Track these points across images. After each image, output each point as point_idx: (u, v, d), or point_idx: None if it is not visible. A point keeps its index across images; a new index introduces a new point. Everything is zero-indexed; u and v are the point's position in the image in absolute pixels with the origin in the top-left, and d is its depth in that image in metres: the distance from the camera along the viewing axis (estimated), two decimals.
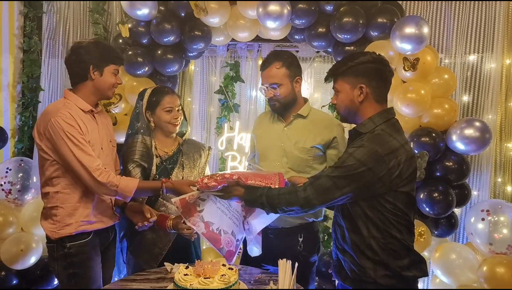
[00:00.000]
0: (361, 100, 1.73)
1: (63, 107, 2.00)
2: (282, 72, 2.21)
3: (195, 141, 2.53)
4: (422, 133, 2.79)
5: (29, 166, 3.09)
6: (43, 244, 3.01)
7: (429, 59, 2.77)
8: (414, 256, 1.73)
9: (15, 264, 2.93)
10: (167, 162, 2.33)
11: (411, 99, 2.74)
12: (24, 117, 3.51)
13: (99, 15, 3.39)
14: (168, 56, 3.03)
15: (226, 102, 3.50)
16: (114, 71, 2.09)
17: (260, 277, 2.00)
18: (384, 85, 1.76)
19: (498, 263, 2.60)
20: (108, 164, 2.14)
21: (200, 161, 2.40)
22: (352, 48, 2.87)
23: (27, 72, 3.51)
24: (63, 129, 1.93)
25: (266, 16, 2.79)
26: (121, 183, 1.99)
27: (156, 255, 2.24)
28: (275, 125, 2.33)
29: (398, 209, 1.67)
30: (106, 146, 2.16)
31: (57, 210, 2.01)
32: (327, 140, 2.23)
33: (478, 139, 2.73)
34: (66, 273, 2.02)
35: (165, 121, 2.30)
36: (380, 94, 1.75)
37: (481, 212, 2.74)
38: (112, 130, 2.30)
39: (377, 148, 1.63)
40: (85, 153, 1.96)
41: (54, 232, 2.01)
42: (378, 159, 1.62)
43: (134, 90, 3.04)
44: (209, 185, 1.85)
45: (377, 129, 1.70)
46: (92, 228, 2.06)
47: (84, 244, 2.03)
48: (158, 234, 2.27)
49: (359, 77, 1.73)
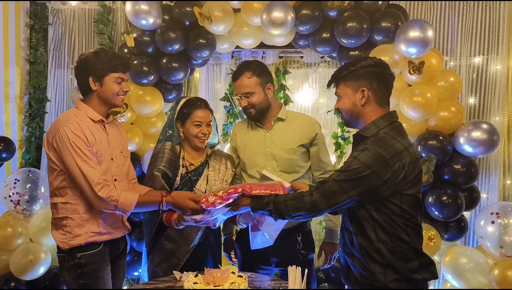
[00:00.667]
0: (363, 104, 1.75)
1: (73, 117, 2.01)
2: (253, 81, 2.26)
3: (223, 152, 2.49)
4: (429, 136, 2.78)
5: (37, 176, 3.11)
6: (52, 255, 3.01)
7: (434, 62, 2.77)
8: (423, 259, 1.72)
9: (25, 275, 2.94)
10: (192, 174, 2.30)
11: (417, 102, 2.74)
12: (31, 128, 3.54)
13: (104, 26, 3.42)
14: (173, 65, 3.05)
15: (231, 109, 3.50)
16: (116, 79, 2.04)
17: (269, 285, 1.99)
18: (386, 88, 1.77)
19: (509, 266, 2.57)
20: (119, 175, 2.14)
21: (227, 173, 2.36)
22: (357, 52, 2.87)
23: (34, 83, 3.54)
24: (69, 139, 1.93)
25: (270, 23, 2.80)
26: (121, 198, 1.98)
27: (174, 265, 2.23)
28: (256, 132, 2.37)
29: (405, 212, 1.67)
30: (117, 156, 2.15)
31: (67, 220, 2.01)
32: (310, 138, 2.32)
33: (486, 141, 2.71)
34: (77, 283, 2.01)
35: (192, 135, 2.26)
36: (382, 97, 1.76)
37: (490, 215, 2.72)
38: (126, 140, 2.29)
39: (381, 151, 1.64)
40: (89, 165, 1.95)
41: (65, 242, 2.01)
42: (382, 162, 1.62)
43: (139, 99, 3.05)
44: (215, 203, 1.89)
45: (381, 132, 1.72)
46: (102, 239, 2.06)
47: (95, 254, 2.03)
48: (177, 245, 2.26)
49: (360, 80, 1.74)
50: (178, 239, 2.25)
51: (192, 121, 2.25)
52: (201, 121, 2.26)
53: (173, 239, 2.25)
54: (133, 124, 3.18)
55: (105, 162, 2.05)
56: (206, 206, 1.91)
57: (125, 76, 2.10)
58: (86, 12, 3.58)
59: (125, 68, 2.09)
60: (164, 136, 2.36)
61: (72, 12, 3.59)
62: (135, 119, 3.18)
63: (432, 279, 1.73)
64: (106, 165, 2.06)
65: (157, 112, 3.16)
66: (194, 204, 2.00)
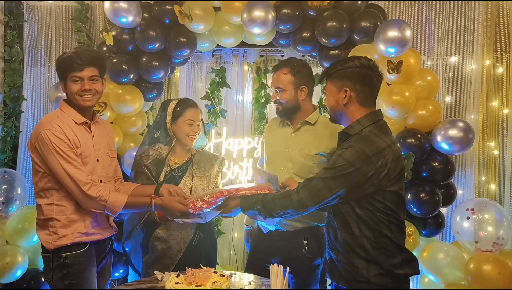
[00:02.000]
0: (345, 103, 1.81)
1: (55, 119, 1.99)
2: (287, 79, 2.27)
3: (209, 153, 2.57)
4: (408, 134, 2.84)
5: (13, 177, 3.04)
6: (29, 257, 2.95)
7: (412, 62, 2.82)
8: (405, 254, 1.77)
9: (1, 278, 2.87)
10: (175, 171, 2.34)
11: (396, 101, 2.78)
12: (7, 127, 3.45)
13: (82, 23, 3.36)
14: (153, 63, 3.02)
15: (212, 107, 3.49)
16: (73, 78, 1.99)
17: (252, 283, 2.00)
18: (369, 90, 1.82)
19: (484, 261, 2.65)
20: (105, 176, 2.12)
21: (212, 171, 2.41)
22: (337, 52, 2.90)
23: (9, 82, 3.46)
24: (52, 143, 1.92)
25: (251, 21, 2.80)
26: (110, 198, 1.98)
27: (167, 265, 2.23)
28: (284, 131, 2.38)
29: (388, 209, 1.72)
30: (103, 157, 2.13)
31: (52, 221, 1.99)
32: (331, 149, 2.23)
33: (462, 139, 2.78)
34: (62, 284, 2.00)
35: (184, 133, 2.31)
36: (365, 98, 1.81)
37: (466, 211, 2.79)
38: (113, 140, 2.28)
39: (364, 149, 1.69)
40: (74, 167, 1.94)
41: (50, 243, 1.99)
42: (365, 159, 1.68)
43: (119, 98, 3.01)
44: (202, 208, 1.93)
45: (365, 130, 1.77)
46: (89, 239, 2.04)
47: (80, 254, 2.01)
48: (168, 245, 2.27)
49: (345, 80, 1.81)
50: (168, 239, 2.26)
51: (185, 120, 2.31)
52: (193, 120, 2.32)
53: (163, 239, 2.27)
54: (112, 123, 3.13)
55: (90, 164, 2.04)
56: (193, 211, 1.95)
57: (84, 74, 1.99)
58: (63, 9, 3.51)
59: (81, 65, 1.99)
60: (152, 138, 2.40)
61: (48, 9, 3.51)
62: (115, 118, 3.13)
63: (414, 274, 1.79)
64: (92, 167, 2.04)
65: (137, 111, 3.12)
66: (183, 206, 2.01)
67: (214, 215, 2.10)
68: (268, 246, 2.31)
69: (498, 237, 2.70)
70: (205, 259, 2.32)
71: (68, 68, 2.00)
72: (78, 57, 1.99)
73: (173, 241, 2.27)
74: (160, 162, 2.33)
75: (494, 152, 3.22)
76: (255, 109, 3.51)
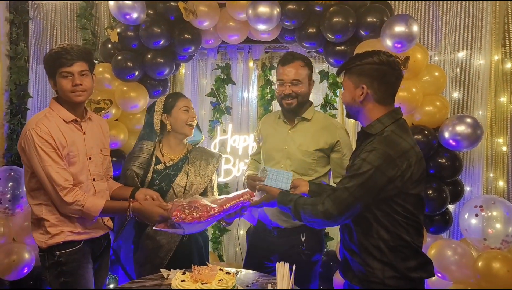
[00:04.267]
0: (362, 100, 1.74)
1: (43, 118, 1.97)
2: (305, 72, 2.26)
3: (205, 149, 2.52)
4: (415, 131, 2.80)
5: (19, 175, 3.04)
6: (35, 254, 2.96)
7: (419, 57, 2.78)
8: (421, 258, 1.74)
9: (8, 275, 2.88)
10: (170, 169, 2.32)
11: (402, 97, 2.75)
12: (13, 125, 3.46)
13: (87, 20, 3.36)
14: (158, 60, 3.00)
15: (218, 104, 3.48)
16: (63, 73, 1.97)
17: (258, 280, 1.99)
18: (386, 88, 1.75)
19: (493, 258, 2.62)
20: (97, 175, 2.12)
21: (207, 170, 2.38)
22: (343, 48, 2.87)
23: (15, 79, 3.47)
24: (35, 143, 1.91)
25: (256, 17, 2.78)
26: (87, 203, 1.97)
27: (158, 265, 2.22)
28: (281, 128, 2.36)
29: (408, 211, 1.67)
30: (95, 155, 2.12)
31: (43, 221, 1.99)
32: (330, 144, 2.25)
33: (470, 135, 2.75)
34: (58, 282, 2.00)
35: (183, 121, 2.30)
36: (382, 96, 1.74)
37: (474, 208, 2.76)
38: (106, 138, 2.26)
39: (389, 151, 1.63)
40: (53, 170, 1.92)
41: (43, 242, 1.99)
42: (391, 162, 1.62)
43: (124, 95, 3.01)
44: (185, 220, 1.91)
45: (386, 130, 1.70)
46: (81, 238, 2.04)
47: (74, 252, 2.01)
48: (158, 244, 2.25)
49: (362, 77, 1.73)
50: (159, 237, 2.24)
51: (179, 108, 2.31)
52: (188, 106, 2.32)
53: (153, 238, 2.25)
54: (118, 121, 3.13)
55: (80, 163, 2.03)
56: (176, 220, 1.92)
57: (74, 69, 1.97)
58: (68, 7, 3.51)
59: (70, 60, 1.96)
60: (144, 135, 2.41)
61: (53, 7, 3.51)
62: (120, 115, 3.13)
63: (428, 277, 1.75)
64: (81, 166, 2.03)
65: (142, 108, 3.11)
66: (163, 211, 2.00)
67: (196, 229, 2.09)
68: (267, 243, 2.31)
69: (507, 234, 2.67)
70: (197, 257, 2.30)
71: (56, 64, 1.97)
72: (66, 52, 1.97)
73: (164, 240, 2.25)
74: (148, 161, 2.31)
75: (502, 149, 3.19)
76: (260, 106, 3.50)
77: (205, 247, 2.41)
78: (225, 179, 3.24)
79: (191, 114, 2.32)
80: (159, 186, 2.28)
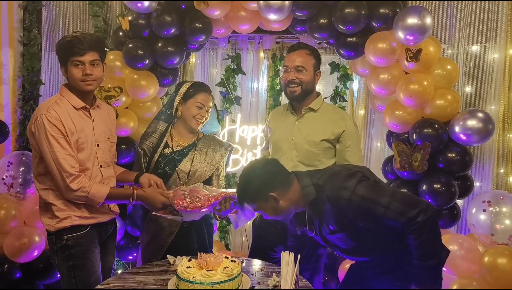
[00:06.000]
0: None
1: (53, 104, 2.00)
2: (310, 60, 2.29)
3: (215, 138, 2.54)
4: (425, 124, 2.78)
5: (30, 159, 3.07)
6: (45, 238, 3.01)
7: (432, 50, 2.75)
8: None
9: (18, 257, 2.94)
10: (176, 154, 2.35)
11: (413, 90, 2.72)
12: (25, 111, 3.50)
13: (98, 8, 3.37)
14: (168, 49, 3.01)
15: (227, 94, 3.48)
16: (74, 62, 1.99)
17: (263, 269, 2.00)
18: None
19: (500, 254, 2.60)
20: (104, 162, 2.15)
21: (214, 158, 2.40)
22: (354, 39, 2.85)
23: (27, 66, 3.50)
24: (45, 128, 1.94)
25: (267, 7, 2.76)
26: (92, 189, 2.00)
27: (159, 247, 2.27)
28: (288, 119, 2.37)
29: None
30: (103, 143, 2.15)
31: (51, 206, 2.03)
32: (336, 134, 2.26)
33: (481, 130, 2.71)
34: (66, 265, 2.04)
35: (191, 114, 2.33)
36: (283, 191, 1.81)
37: (482, 203, 2.74)
38: (114, 125, 2.29)
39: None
40: (61, 156, 1.95)
41: (51, 225, 2.03)
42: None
43: (134, 83, 3.02)
44: (187, 208, 1.96)
45: (318, 185, 1.81)
46: (87, 223, 2.08)
47: (81, 236, 2.05)
48: (160, 226, 2.30)
49: None
50: (161, 220, 2.28)
51: (195, 102, 2.32)
52: (203, 104, 2.33)
53: (156, 220, 2.29)
54: (128, 109, 3.15)
55: (88, 149, 2.05)
56: (178, 208, 1.97)
57: (85, 58, 1.99)
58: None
59: (82, 50, 1.98)
60: (162, 114, 2.43)
61: None
62: (130, 103, 3.15)
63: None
64: (89, 152, 2.06)
65: (152, 97, 3.13)
66: (165, 199, 2.04)
67: (193, 218, 2.12)
68: (271, 234, 2.31)
69: None
70: (197, 243, 2.33)
71: (68, 52, 2.00)
72: (79, 41, 1.99)
73: (165, 223, 2.29)
74: (158, 141, 2.36)
75: None
76: (270, 97, 3.49)
77: (208, 234, 2.44)
78: (233, 169, 3.25)
79: (201, 112, 2.33)
80: (163, 170, 2.32)
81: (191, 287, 1.66)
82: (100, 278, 2.08)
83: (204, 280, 1.65)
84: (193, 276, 1.67)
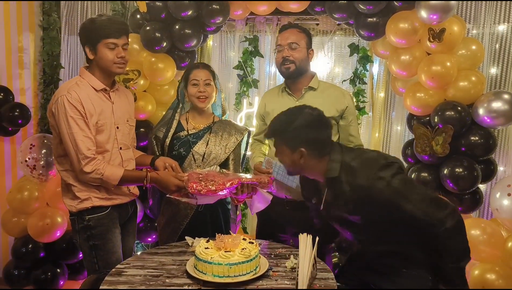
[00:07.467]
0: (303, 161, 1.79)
1: (73, 86, 2.01)
2: (302, 37, 2.33)
3: (231, 122, 2.54)
4: (447, 106, 2.70)
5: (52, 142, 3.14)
6: (67, 219, 3.08)
7: (455, 30, 2.65)
8: None
9: (42, 238, 3.02)
10: (191, 136, 2.36)
11: (436, 71, 2.65)
12: (46, 94, 3.55)
13: None
14: (186, 31, 2.99)
15: (245, 77, 3.46)
16: (108, 45, 2.01)
17: (280, 252, 2.00)
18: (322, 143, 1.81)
19: None
20: (124, 144, 2.17)
21: (229, 141, 2.40)
22: (375, 19, 2.77)
23: (47, 50, 3.54)
24: (65, 109, 1.95)
25: None
26: (106, 171, 2.01)
27: (175, 229, 2.29)
28: (286, 100, 2.36)
29: None
30: (123, 125, 2.16)
31: (71, 187, 2.06)
32: (340, 110, 2.31)
33: (506, 112, 2.62)
34: (87, 245, 2.09)
35: (191, 94, 2.35)
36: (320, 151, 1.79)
37: (507, 187, 2.66)
38: (132, 109, 2.30)
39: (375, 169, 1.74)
40: (79, 137, 1.96)
41: (73, 206, 2.07)
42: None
43: (152, 66, 3.02)
44: (201, 192, 1.95)
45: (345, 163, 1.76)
46: (108, 204, 2.11)
47: (102, 217, 2.08)
48: (177, 208, 2.32)
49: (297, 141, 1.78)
50: (177, 202, 2.29)
51: (190, 81, 2.34)
52: (198, 79, 2.33)
53: (172, 203, 2.31)
54: (145, 92, 3.17)
55: (107, 131, 2.07)
56: (191, 191, 1.96)
57: (120, 41, 2.03)
58: None
59: (117, 32, 2.01)
60: (173, 103, 2.50)
61: None
62: (148, 86, 3.16)
63: None
64: (108, 134, 2.07)
65: (169, 80, 3.13)
66: (179, 181, 2.03)
67: (208, 201, 2.11)
68: (280, 216, 2.31)
69: None
70: (211, 227, 2.33)
71: (102, 33, 2.00)
72: (113, 23, 2.01)
73: (181, 205, 2.30)
74: (169, 127, 2.39)
75: None
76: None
77: (225, 219, 2.44)
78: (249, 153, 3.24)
79: (199, 89, 2.32)
80: (177, 151, 2.34)
81: (209, 268, 1.67)
82: (121, 258, 2.12)
83: (222, 261, 1.66)
84: (211, 257, 1.68)
